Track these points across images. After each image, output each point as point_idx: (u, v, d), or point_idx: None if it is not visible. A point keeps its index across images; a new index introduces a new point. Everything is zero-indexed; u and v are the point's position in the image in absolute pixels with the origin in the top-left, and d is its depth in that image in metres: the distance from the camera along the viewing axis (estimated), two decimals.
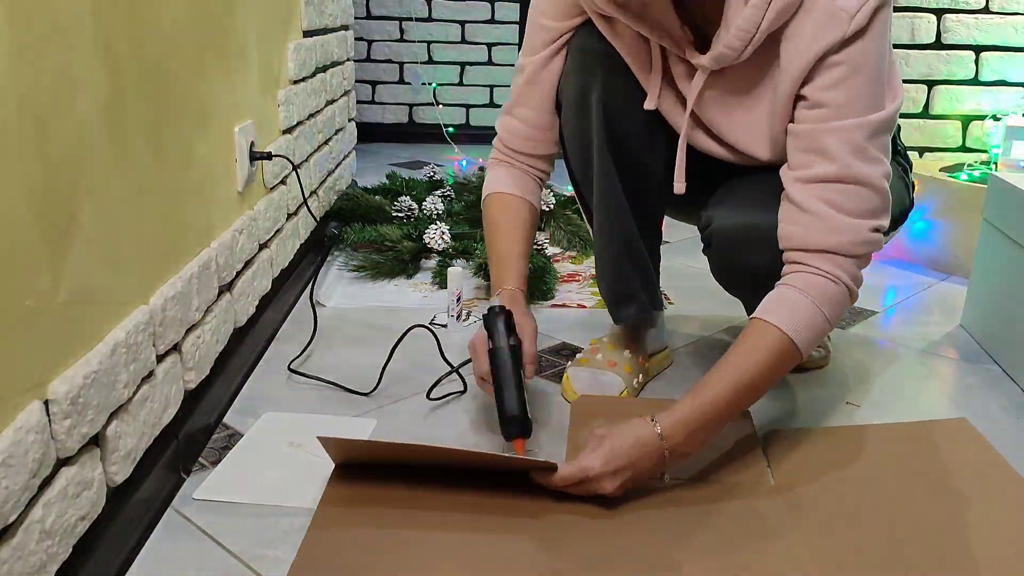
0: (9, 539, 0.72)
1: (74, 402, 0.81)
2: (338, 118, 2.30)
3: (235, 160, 1.37)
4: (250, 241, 1.43)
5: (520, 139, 1.27)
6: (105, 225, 0.90)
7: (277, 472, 1.10)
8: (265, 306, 1.53)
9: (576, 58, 1.19)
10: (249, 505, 1.03)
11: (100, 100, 0.89)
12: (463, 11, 3.55)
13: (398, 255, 1.90)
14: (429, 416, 1.27)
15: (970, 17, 2.64)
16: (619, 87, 1.17)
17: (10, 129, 0.72)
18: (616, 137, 1.19)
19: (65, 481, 0.81)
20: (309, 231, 1.89)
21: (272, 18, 1.62)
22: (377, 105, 3.65)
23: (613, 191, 1.22)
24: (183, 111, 1.14)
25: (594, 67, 1.17)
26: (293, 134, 1.77)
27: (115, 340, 0.91)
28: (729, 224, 1.15)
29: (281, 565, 0.92)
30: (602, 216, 1.25)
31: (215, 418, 1.22)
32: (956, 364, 1.53)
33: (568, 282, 1.88)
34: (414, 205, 2.16)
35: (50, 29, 0.79)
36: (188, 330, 1.14)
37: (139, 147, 0.99)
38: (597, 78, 1.17)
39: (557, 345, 1.54)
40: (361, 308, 1.68)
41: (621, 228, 1.25)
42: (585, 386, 1.30)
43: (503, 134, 1.28)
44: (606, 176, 1.22)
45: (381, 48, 3.58)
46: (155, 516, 1.00)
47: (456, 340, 1.54)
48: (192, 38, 1.17)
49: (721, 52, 1.04)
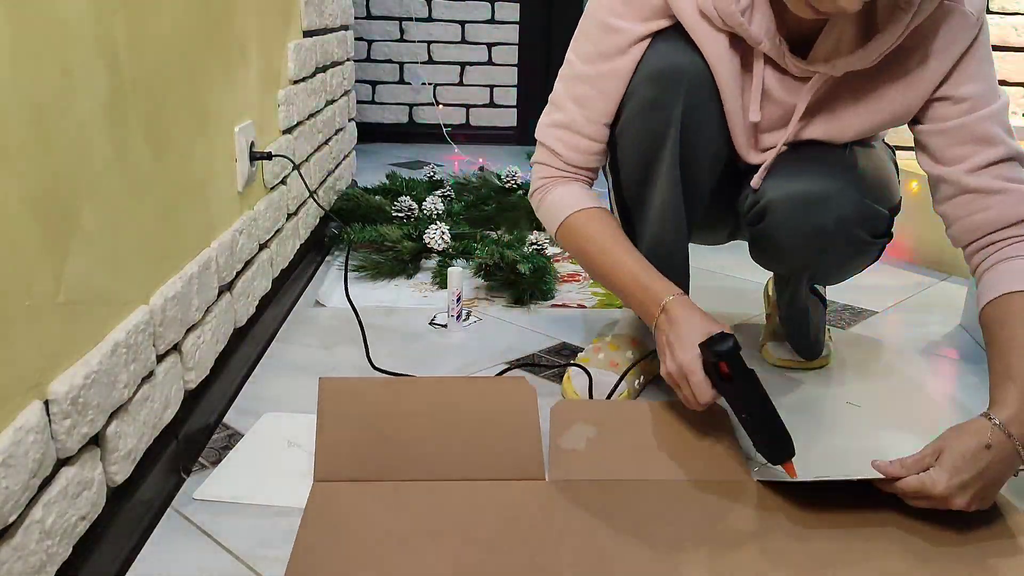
0: (9, 539, 0.72)
1: (74, 402, 0.81)
2: (338, 118, 2.30)
3: (235, 160, 1.37)
4: (250, 241, 1.43)
5: (586, 155, 1.19)
6: (105, 225, 0.90)
7: (277, 472, 1.10)
8: (265, 306, 1.53)
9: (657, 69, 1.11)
10: (249, 505, 1.03)
11: (100, 100, 0.89)
12: (463, 11, 3.55)
13: (398, 255, 1.90)
14: None
15: None
16: (702, 105, 1.13)
17: (10, 129, 0.72)
18: (689, 158, 1.15)
19: (65, 481, 0.81)
20: (309, 231, 1.89)
21: (272, 18, 1.62)
22: (377, 105, 3.65)
23: (677, 212, 1.18)
24: (183, 111, 1.14)
25: (678, 82, 1.10)
26: (293, 134, 1.77)
27: (115, 340, 0.91)
28: (784, 193, 1.14)
29: (281, 565, 0.92)
30: (661, 213, 1.19)
31: (215, 418, 1.22)
32: (956, 364, 1.53)
33: (568, 282, 1.88)
34: (414, 205, 2.16)
35: (50, 29, 0.79)
36: (188, 330, 1.14)
37: (139, 147, 0.99)
38: (679, 94, 1.11)
39: (557, 345, 1.54)
40: (361, 308, 1.68)
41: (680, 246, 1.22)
42: (585, 386, 1.30)
43: (563, 150, 1.19)
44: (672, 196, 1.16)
45: (381, 48, 3.59)
46: (155, 516, 1.00)
47: (456, 340, 1.54)
48: (192, 38, 1.17)
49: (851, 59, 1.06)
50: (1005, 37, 2.66)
